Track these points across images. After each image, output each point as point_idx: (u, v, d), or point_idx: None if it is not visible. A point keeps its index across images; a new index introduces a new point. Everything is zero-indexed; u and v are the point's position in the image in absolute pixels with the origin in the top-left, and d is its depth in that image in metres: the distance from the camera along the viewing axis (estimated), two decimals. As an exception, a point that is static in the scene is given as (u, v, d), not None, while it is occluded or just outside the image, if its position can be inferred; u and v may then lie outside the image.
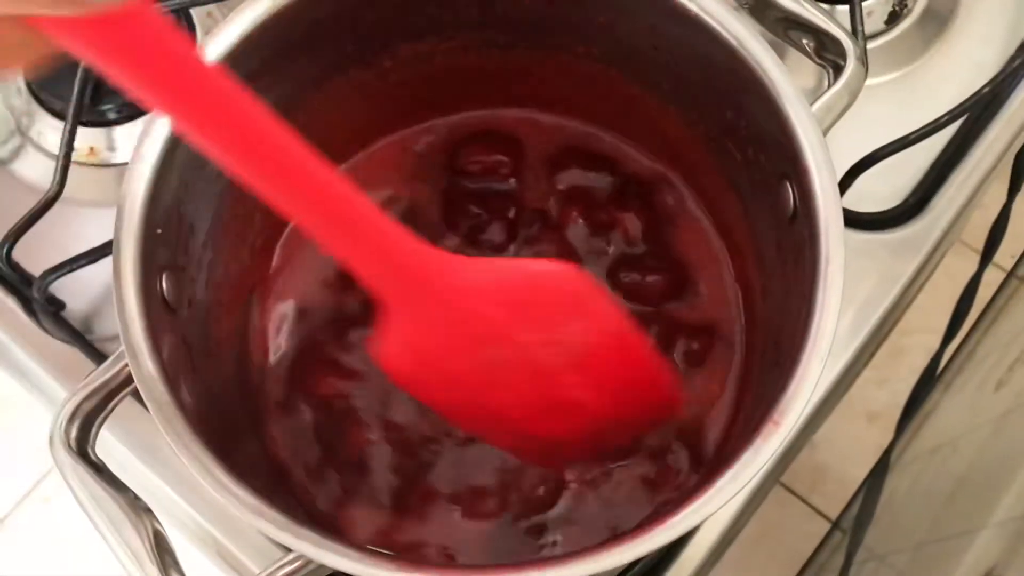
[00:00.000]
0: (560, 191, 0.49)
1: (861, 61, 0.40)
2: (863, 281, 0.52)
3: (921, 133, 0.50)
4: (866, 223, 0.53)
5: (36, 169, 0.54)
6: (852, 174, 0.51)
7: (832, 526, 1.17)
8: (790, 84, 0.38)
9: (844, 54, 0.40)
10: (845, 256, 0.36)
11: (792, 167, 0.38)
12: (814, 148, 0.37)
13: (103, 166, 0.54)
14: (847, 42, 0.40)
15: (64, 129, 0.50)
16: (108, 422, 0.38)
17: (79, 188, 0.52)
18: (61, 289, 0.51)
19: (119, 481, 0.36)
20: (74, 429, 0.36)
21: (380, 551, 0.33)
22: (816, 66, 0.43)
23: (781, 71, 0.38)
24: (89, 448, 0.37)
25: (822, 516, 1.20)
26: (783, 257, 0.40)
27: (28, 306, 0.51)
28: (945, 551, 0.77)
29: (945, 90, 0.55)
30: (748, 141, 0.41)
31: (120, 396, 0.37)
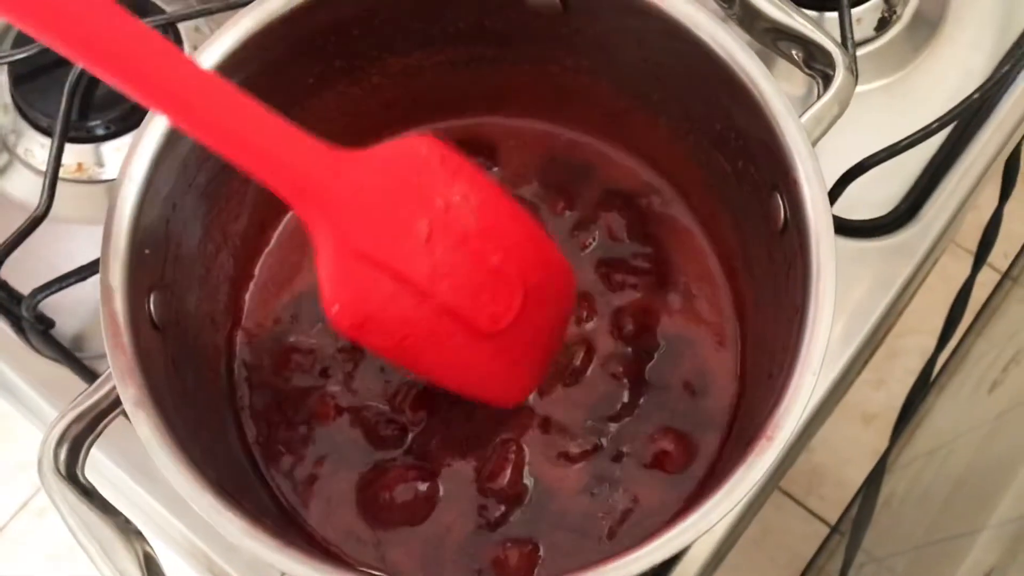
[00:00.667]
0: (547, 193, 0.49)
1: (850, 71, 0.40)
2: (856, 289, 0.52)
3: (912, 140, 0.50)
4: (858, 230, 0.53)
5: (24, 186, 0.54)
6: (843, 182, 0.50)
7: (831, 530, 1.17)
8: (779, 96, 0.37)
9: (833, 64, 0.40)
10: (838, 264, 0.36)
11: (782, 179, 0.37)
12: (804, 160, 0.37)
13: (91, 182, 0.54)
14: (836, 52, 0.40)
15: (51, 146, 0.50)
16: (99, 440, 0.38)
17: (67, 205, 0.52)
18: (50, 307, 0.51)
19: (109, 504, 0.36)
20: (63, 453, 0.36)
21: (370, 572, 0.33)
22: (806, 75, 0.43)
23: (770, 83, 0.38)
24: (78, 471, 0.36)
25: (819, 519, 1.20)
26: (774, 268, 0.40)
27: (17, 325, 0.51)
28: (944, 553, 0.77)
29: (935, 96, 0.55)
30: (738, 153, 0.41)
31: (109, 418, 0.37)
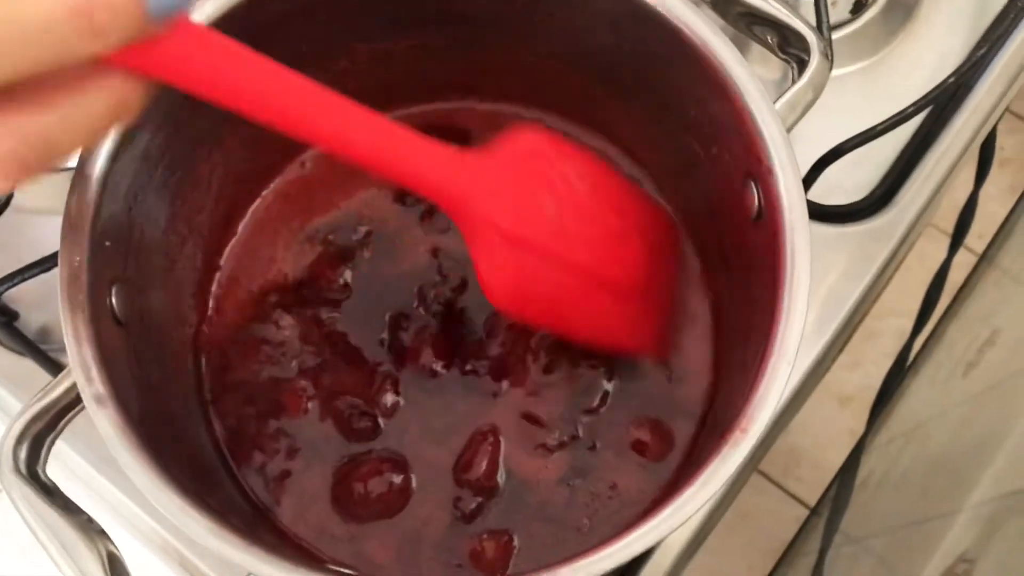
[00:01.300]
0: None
1: (825, 56, 0.39)
2: (831, 274, 0.52)
3: (887, 124, 0.50)
4: (833, 216, 0.52)
5: (-16, 175, 0.53)
6: (818, 167, 0.50)
7: (810, 512, 1.17)
8: (753, 82, 0.37)
9: (808, 49, 0.40)
10: (813, 250, 0.36)
11: (756, 166, 0.37)
12: (778, 147, 0.36)
13: (54, 171, 0.52)
14: (811, 37, 0.39)
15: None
16: (64, 433, 0.37)
17: (29, 195, 0.51)
18: (14, 299, 0.50)
19: (72, 503, 0.35)
20: (23, 451, 0.35)
21: (340, 571, 0.33)
22: (780, 60, 0.42)
23: (744, 68, 0.37)
24: (39, 469, 0.35)
25: (796, 500, 1.21)
26: (749, 256, 0.39)
27: (-20, 317, 0.50)
28: (922, 534, 0.77)
29: (910, 79, 0.55)
30: (711, 139, 0.40)
31: (71, 415, 0.36)
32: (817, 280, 0.50)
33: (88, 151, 0.36)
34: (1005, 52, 0.54)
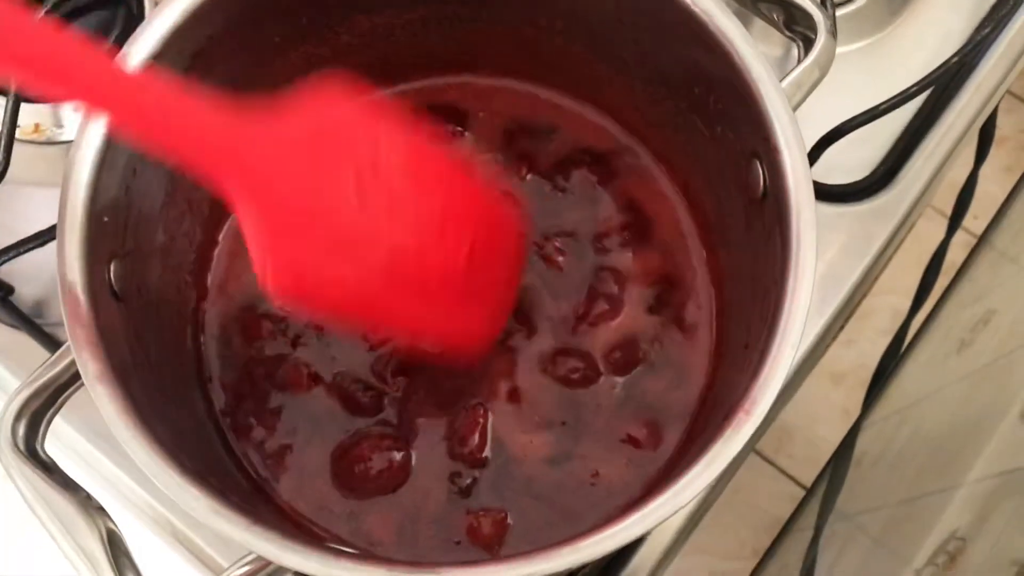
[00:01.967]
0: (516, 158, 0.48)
1: (832, 34, 0.39)
2: (832, 253, 0.51)
3: (890, 104, 0.49)
4: (835, 195, 0.52)
5: (-22, 148, 0.52)
6: (821, 146, 0.50)
7: (806, 492, 1.18)
8: (759, 60, 0.36)
9: (814, 27, 0.39)
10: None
11: (762, 146, 0.37)
12: (784, 127, 0.36)
13: (49, 143, 0.52)
14: (818, 15, 0.39)
15: (7, 105, 0.48)
16: (64, 409, 0.36)
17: (25, 167, 0.50)
18: (9, 273, 0.49)
19: (70, 480, 0.35)
20: (21, 428, 0.35)
21: (340, 549, 0.33)
22: (785, 38, 0.42)
23: (750, 46, 0.37)
24: (38, 446, 0.35)
25: (788, 477, 1.21)
26: (752, 237, 0.39)
27: (-26, 291, 0.50)
28: (915, 513, 0.78)
29: (914, 58, 0.55)
30: (716, 118, 0.40)
31: (70, 391, 0.36)
32: (818, 259, 0.50)
33: (85, 123, 0.35)
34: (1008, 32, 0.54)
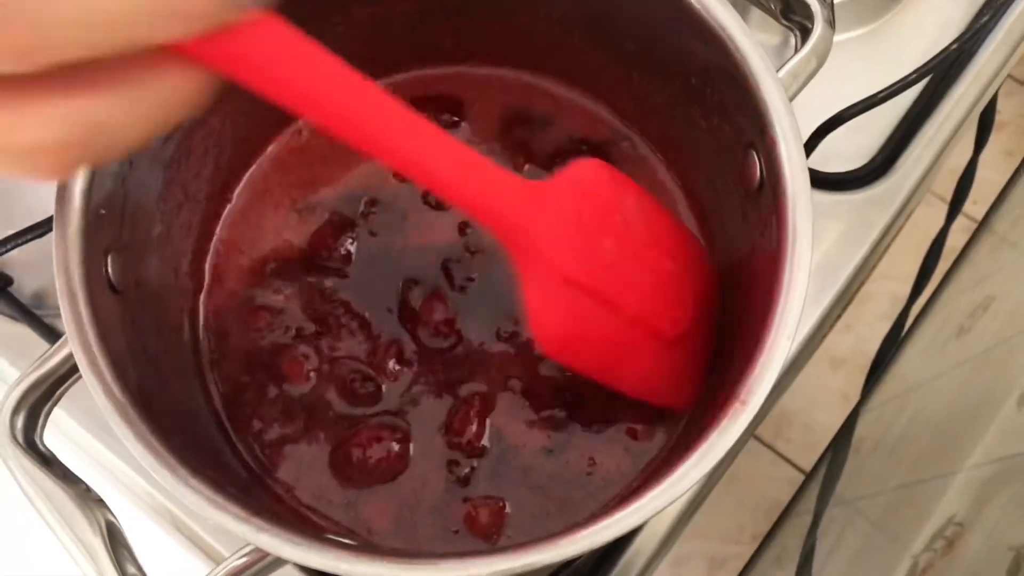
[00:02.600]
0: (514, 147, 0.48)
1: (829, 24, 0.39)
2: (830, 242, 0.51)
3: (889, 92, 0.49)
4: (833, 183, 0.52)
5: (-24, 138, 0.52)
6: (819, 134, 0.50)
7: (805, 478, 1.18)
8: (756, 50, 0.36)
9: (811, 16, 0.39)
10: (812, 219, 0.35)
11: (758, 136, 0.36)
12: (781, 117, 0.36)
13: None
14: (815, 4, 0.39)
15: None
16: (63, 400, 0.37)
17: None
18: (8, 264, 0.49)
19: (70, 472, 0.35)
20: (20, 420, 0.35)
21: (339, 540, 0.33)
22: (782, 27, 0.42)
23: (747, 36, 0.37)
24: (37, 438, 0.35)
25: (787, 461, 1.22)
26: (749, 228, 0.39)
27: (-27, 282, 0.50)
28: (913, 498, 0.78)
29: (912, 46, 0.55)
30: (713, 108, 0.40)
31: (68, 383, 0.36)
32: (816, 248, 0.50)
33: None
34: (1007, 19, 0.54)
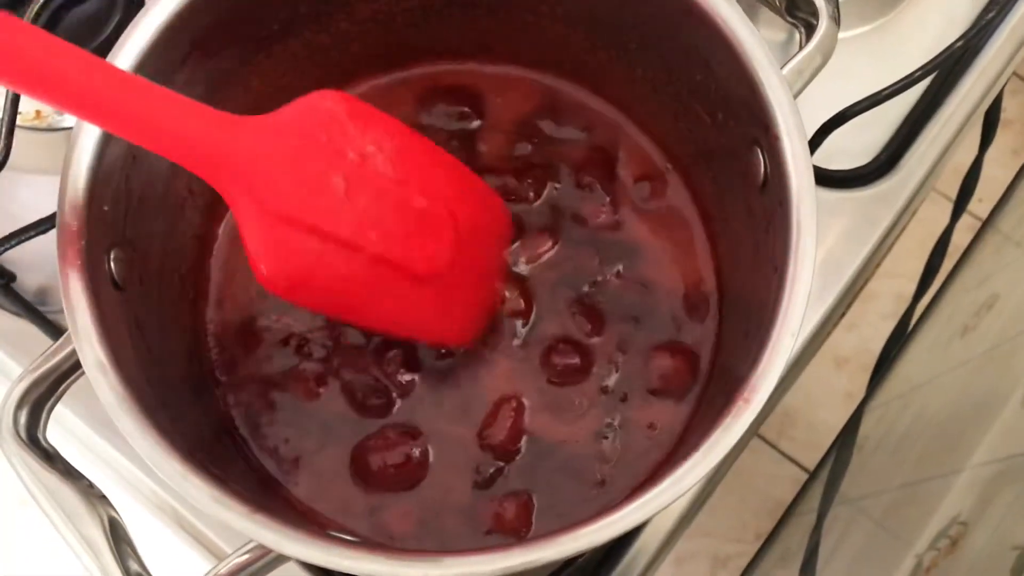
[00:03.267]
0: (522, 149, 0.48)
1: (834, 20, 0.39)
2: (835, 239, 0.51)
3: (893, 89, 0.49)
4: (838, 181, 0.52)
5: (-21, 135, 0.52)
6: (823, 132, 0.50)
7: (809, 477, 1.18)
8: (761, 46, 0.36)
9: (816, 13, 0.39)
10: (816, 216, 0.35)
11: (763, 133, 0.36)
12: (785, 114, 0.36)
13: (51, 130, 0.52)
14: (819, 0, 0.39)
15: (8, 92, 0.48)
16: (66, 396, 0.36)
17: (26, 154, 0.50)
18: (11, 260, 0.49)
19: (72, 468, 0.35)
20: (23, 416, 0.35)
21: (340, 536, 0.33)
22: (787, 24, 0.41)
23: (752, 33, 0.36)
24: (40, 434, 0.35)
25: (790, 460, 1.21)
26: (753, 224, 0.39)
27: (-24, 279, 0.50)
28: (917, 497, 0.78)
29: (917, 43, 0.54)
30: (717, 105, 0.40)
31: (71, 379, 0.36)
32: (820, 245, 0.50)
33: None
34: (1013, 17, 0.54)
